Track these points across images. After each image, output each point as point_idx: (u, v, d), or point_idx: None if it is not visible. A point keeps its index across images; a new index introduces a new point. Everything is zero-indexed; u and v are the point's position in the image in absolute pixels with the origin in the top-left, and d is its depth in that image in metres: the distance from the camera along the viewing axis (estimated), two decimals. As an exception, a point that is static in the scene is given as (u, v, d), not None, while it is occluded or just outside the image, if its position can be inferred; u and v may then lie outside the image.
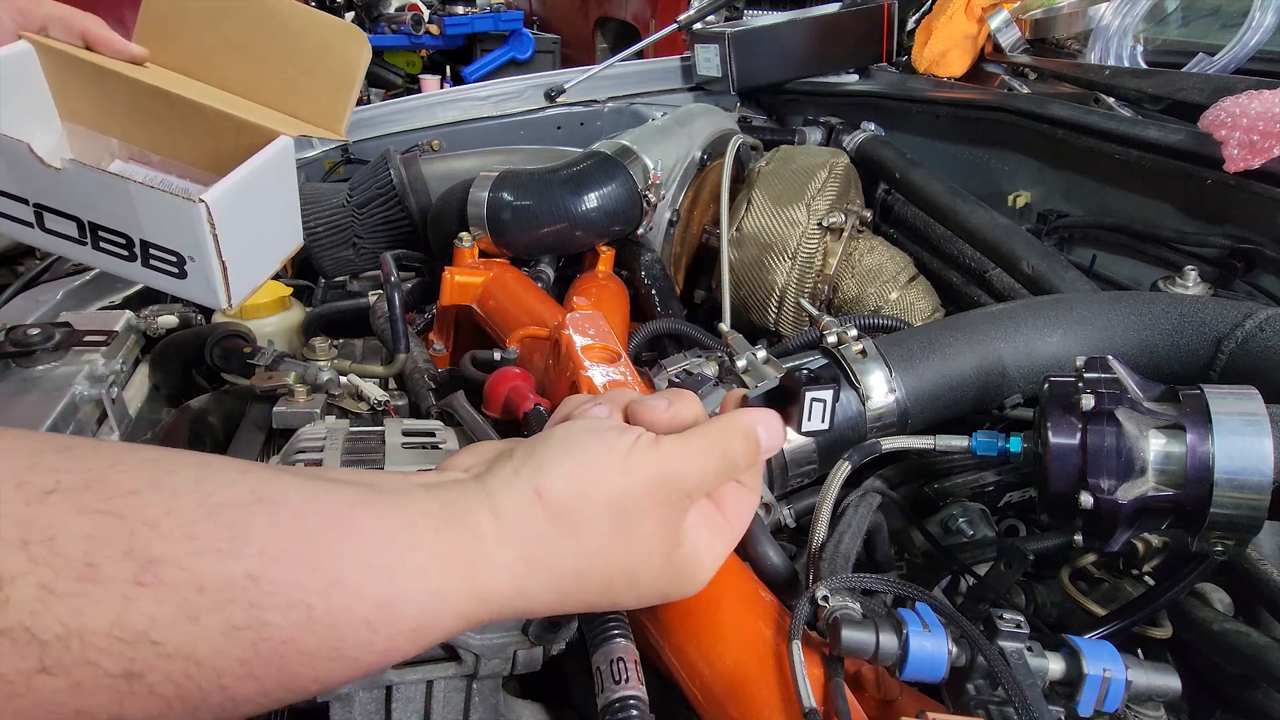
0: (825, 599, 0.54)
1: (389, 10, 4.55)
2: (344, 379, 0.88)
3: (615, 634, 0.53)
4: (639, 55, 1.99)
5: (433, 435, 0.73)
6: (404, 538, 0.38)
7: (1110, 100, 1.28)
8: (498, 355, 0.90)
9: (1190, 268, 0.93)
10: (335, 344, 1.01)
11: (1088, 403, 0.59)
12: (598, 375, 0.73)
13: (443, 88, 4.20)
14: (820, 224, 1.20)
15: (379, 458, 0.67)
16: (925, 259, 1.28)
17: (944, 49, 1.67)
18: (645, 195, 1.19)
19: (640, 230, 1.24)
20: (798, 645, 0.50)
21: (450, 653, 0.58)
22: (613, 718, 0.49)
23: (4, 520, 0.29)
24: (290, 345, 1.28)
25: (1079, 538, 0.60)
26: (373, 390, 0.89)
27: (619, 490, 0.43)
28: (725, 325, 1.06)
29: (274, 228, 0.89)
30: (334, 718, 0.57)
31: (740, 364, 0.83)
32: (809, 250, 1.19)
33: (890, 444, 0.72)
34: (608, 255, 1.25)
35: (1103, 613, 0.68)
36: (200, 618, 0.31)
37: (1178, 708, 0.66)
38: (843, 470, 0.70)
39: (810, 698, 0.47)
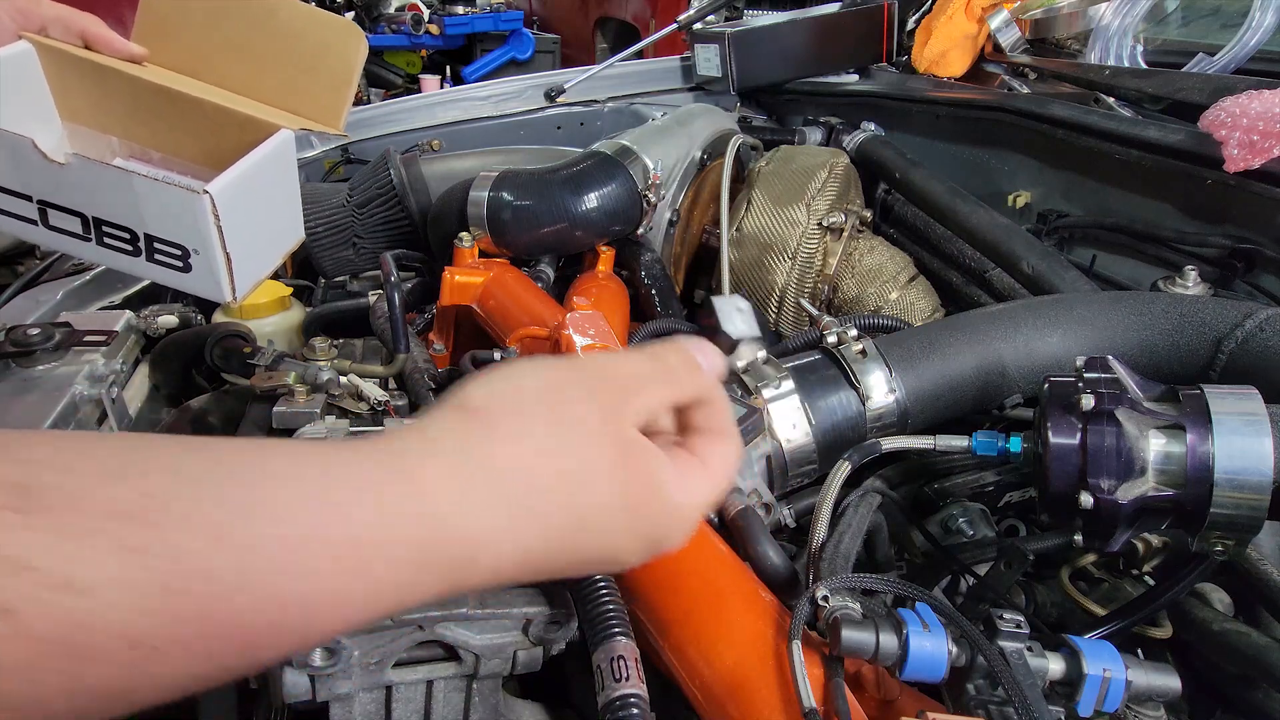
0: (825, 599, 0.54)
1: (389, 10, 4.55)
2: (344, 379, 0.88)
3: (616, 632, 0.53)
4: (639, 55, 1.99)
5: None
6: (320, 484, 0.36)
7: (1110, 100, 1.28)
8: (498, 355, 0.90)
9: (1190, 268, 0.94)
10: (335, 344, 1.01)
11: (1088, 403, 0.59)
12: (598, 375, 0.72)
13: (443, 88, 4.20)
14: (820, 224, 1.20)
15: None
16: (925, 259, 1.28)
17: (944, 49, 1.67)
18: (645, 195, 1.19)
19: (640, 230, 1.24)
20: (798, 645, 0.50)
21: (450, 653, 0.58)
22: (613, 716, 0.49)
23: None
24: (290, 345, 1.28)
25: (1079, 538, 0.60)
26: (373, 390, 0.89)
27: (549, 379, 0.42)
28: (725, 325, 1.06)
29: (276, 221, 0.90)
30: (334, 717, 0.57)
31: (740, 364, 0.83)
32: (809, 250, 1.19)
33: (890, 444, 0.72)
34: (608, 255, 1.25)
35: (1103, 613, 0.68)
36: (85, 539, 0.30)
37: (1178, 708, 0.66)
38: (843, 470, 0.70)
39: (810, 698, 0.47)
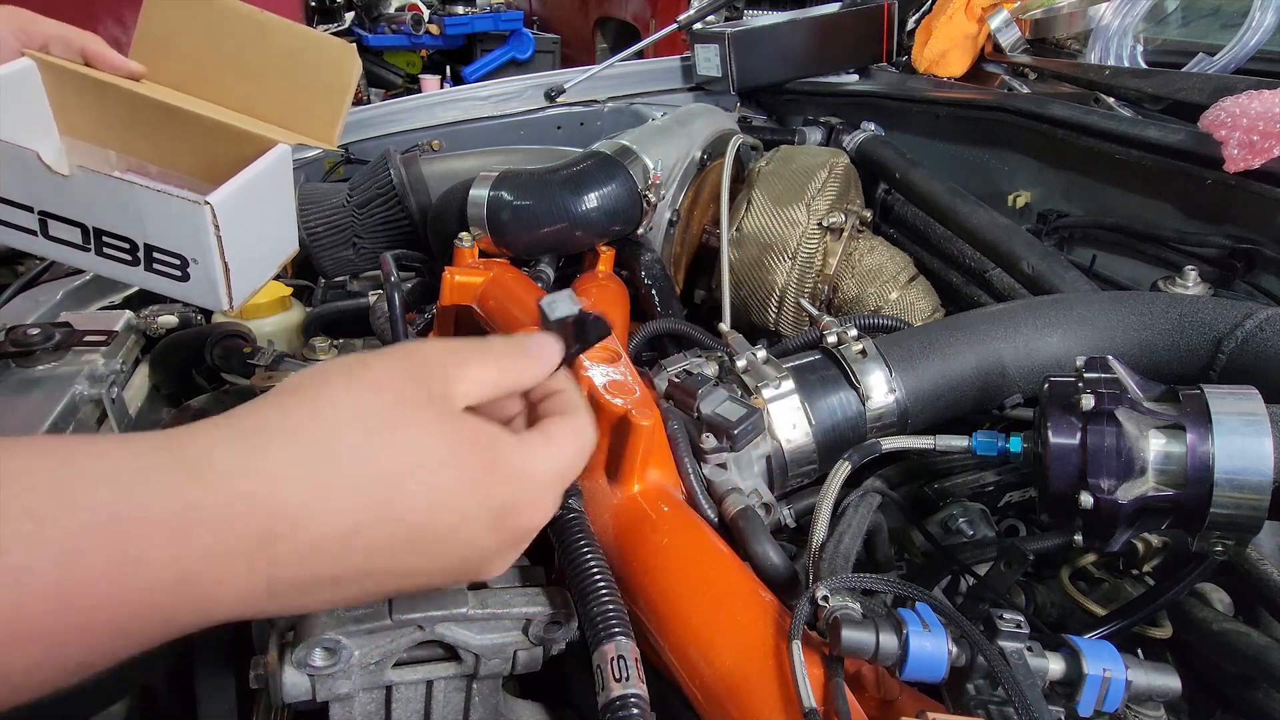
0: (825, 599, 0.54)
1: (389, 10, 4.55)
2: (344, 379, 0.88)
3: (616, 632, 0.53)
4: (639, 55, 1.99)
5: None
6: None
7: (1110, 100, 1.28)
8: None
9: (1190, 268, 0.94)
10: (335, 344, 1.01)
11: (1088, 403, 0.59)
12: (598, 375, 0.73)
13: (443, 88, 4.20)
14: (820, 224, 1.20)
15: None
16: (925, 259, 1.28)
17: (944, 49, 1.67)
18: (645, 195, 1.19)
19: (640, 230, 1.24)
20: (798, 645, 0.50)
21: (450, 653, 0.58)
22: (613, 716, 0.49)
23: None
24: (290, 345, 1.28)
25: (1079, 538, 0.60)
26: (373, 390, 0.89)
27: (358, 360, 0.41)
28: (725, 325, 1.06)
29: (272, 233, 0.91)
30: (334, 717, 0.57)
31: (740, 364, 0.83)
32: (809, 250, 1.19)
33: (890, 444, 0.72)
34: (608, 255, 1.25)
35: (1103, 613, 0.68)
36: None
37: (1178, 708, 0.66)
38: (843, 470, 0.70)
39: (810, 698, 0.47)
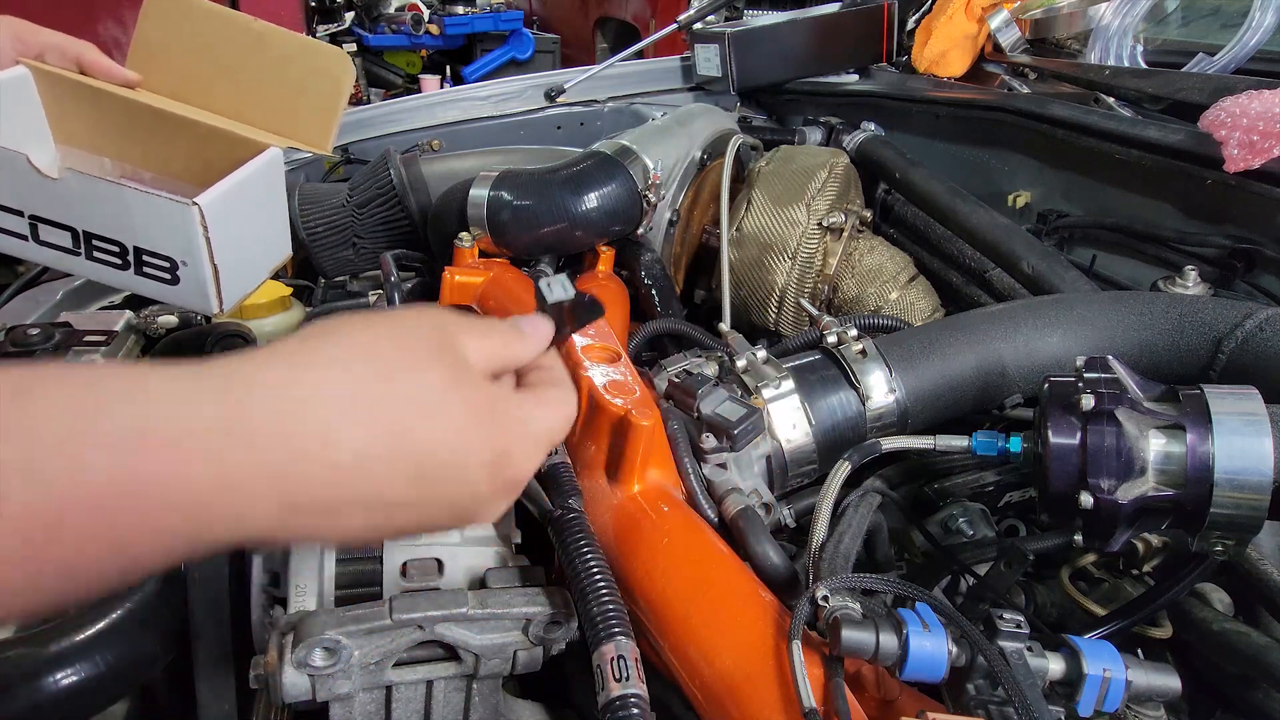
0: (825, 599, 0.54)
1: (389, 10, 4.56)
2: (344, 379, 0.88)
3: (616, 632, 0.53)
4: (639, 55, 1.99)
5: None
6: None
7: (1110, 100, 1.28)
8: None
9: (1190, 268, 0.93)
10: (335, 344, 1.01)
11: (1088, 403, 0.59)
12: (598, 375, 0.73)
13: (443, 88, 4.20)
14: (820, 224, 1.20)
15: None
16: (925, 259, 1.28)
17: (944, 49, 1.67)
18: (645, 195, 1.19)
19: (640, 230, 1.24)
20: (798, 645, 0.50)
21: (450, 653, 0.58)
22: (613, 716, 0.49)
23: None
24: (290, 345, 1.28)
25: (1079, 538, 0.60)
26: (373, 390, 0.89)
27: (374, 316, 0.43)
28: (725, 325, 1.06)
29: (263, 236, 0.91)
30: (334, 717, 0.57)
31: (740, 364, 0.83)
32: (809, 250, 1.19)
33: (890, 444, 0.72)
34: (608, 255, 1.25)
35: (1103, 613, 0.68)
36: None
37: (1178, 708, 0.66)
38: (843, 470, 0.70)
39: (810, 698, 0.47)
